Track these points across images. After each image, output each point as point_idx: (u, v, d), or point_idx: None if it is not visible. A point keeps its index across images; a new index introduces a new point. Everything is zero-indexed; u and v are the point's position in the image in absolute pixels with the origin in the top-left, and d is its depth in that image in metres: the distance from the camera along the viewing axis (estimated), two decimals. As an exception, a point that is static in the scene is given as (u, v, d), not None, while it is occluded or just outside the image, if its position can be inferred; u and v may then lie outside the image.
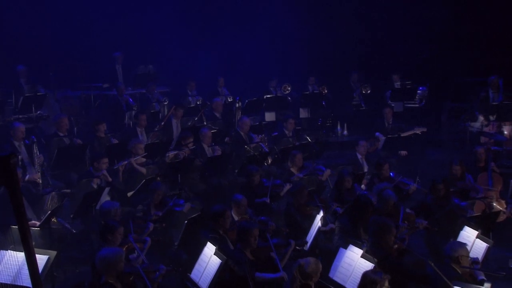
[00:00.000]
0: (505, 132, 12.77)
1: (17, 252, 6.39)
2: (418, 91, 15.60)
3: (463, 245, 6.71)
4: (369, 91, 16.07)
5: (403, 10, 16.75)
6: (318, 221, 7.94)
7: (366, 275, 5.86)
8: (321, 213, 8.09)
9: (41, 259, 6.35)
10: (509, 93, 13.91)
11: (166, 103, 14.47)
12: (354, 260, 6.71)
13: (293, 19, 16.39)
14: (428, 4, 16.33)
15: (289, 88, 16.00)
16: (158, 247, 8.27)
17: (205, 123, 13.27)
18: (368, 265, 6.51)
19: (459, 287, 5.73)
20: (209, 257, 6.71)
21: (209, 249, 6.79)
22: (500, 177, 10.19)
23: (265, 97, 14.87)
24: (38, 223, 8.19)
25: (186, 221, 7.87)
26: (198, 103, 14.74)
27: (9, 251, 6.56)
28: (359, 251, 6.76)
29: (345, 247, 6.92)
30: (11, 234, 7.54)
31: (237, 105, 13.93)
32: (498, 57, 15.14)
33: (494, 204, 9.80)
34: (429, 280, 6.72)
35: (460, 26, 16.18)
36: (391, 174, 10.25)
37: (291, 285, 5.99)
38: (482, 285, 5.89)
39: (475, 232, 7.41)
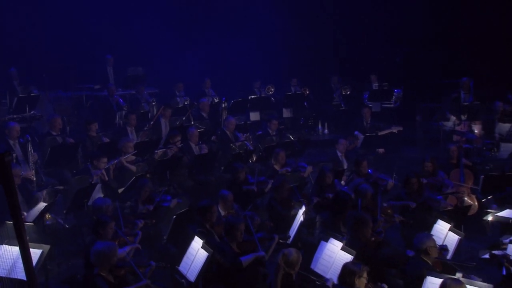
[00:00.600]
0: (475, 131, 12.89)
1: (11, 247, 6.35)
2: (394, 93, 15.74)
3: (430, 236, 6.72)
4: (348, 92, 16.14)
5: (380, 17, 16.84)
6: (300, 216, 7.95)
7: (346, 266, 5.89)
8: (303, 208, 8.11)
9: (35, 253, 6.31)
10: (479, 94, 14.05)
11: (154, 103, 14.43)
12: (335, 252, 6.73)
13: (277, 23, 16.40)
14: (403, 11, 16.41)
15: (272, 89, 16.02)
16: (148, 242, 8.25)
17: (192, 122, 13.25)
18: (347, 257, 6.54)
19: (433, 277, 5.75)
20: (197, 250, 6.70)
21: (197, 242, 6.79)
22: (471, 173, 10.29)
23: (249, 97, 14.87)
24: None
25: (174, 216, 7.87)
26: (185, 103, 14.72)
27: (3, 245, 6.51)
28: (339, 244, 6.79)
29: (326, 240, 6.94)
30: (6, 229, 7.54)
31: (223, 105, 13.93)
32: (469, 60, 15.28)
33: (466, 198, 9.90)
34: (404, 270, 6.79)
35: (433, 30, 16.30)
36: (369, 170, 10.30)
37: (275, 274, 6.03)
38: (454, 273, 5.94)
39: (448, 225, 7.46)
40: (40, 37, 14.95)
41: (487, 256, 6.83)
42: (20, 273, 6.30)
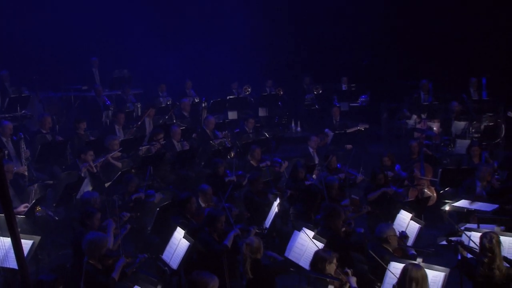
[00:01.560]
0: (434, 128, 13.04)
1: (3, 238, 6.28)
2: (361, 98, 15.85)
3: (390, 226, 6.79)
4: (320, 91, 16.20)
5: (349, 22, 16.93)
6: (275, 207, 7.96)
7: (317, 253, 5.91)
8: (278, 200, 8.13)
9: (26, 244, 6.23)
10: (438, 95, 14.22)
11: (138, 104, 14.39)
12: (307, 241, 6.74)
13: (253, 28, 16.42)
14: (370, 19, 16.57)
15: (249, 90, 16.00)
16: (133, 233, 8.21)
17: (174, 121, 13.17)
18: (319, 245, 6.56)
19: (396, 262, 5.80)
20: (179, 240, 6.67)
21: (179, 233, 6.76)
22: (430, 167, 10.42)
23: (228, 98, 14.85)
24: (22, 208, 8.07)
25: (158, 209, 7.84)
26: (168, 103, 14.62)
27: (-4, 236, 6.44)
28: (311, 233, 6.81)
29: (299, 230, 6.95)
30: (-2, 221, 7.40)
31: (203, 105, 13.91)
32: (428, 63, 15.44)
33: (425, 190, 10.02)
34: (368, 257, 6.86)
35: (397, 37, 16.42)
36: (338, 165, 10.37)
37: (243, 263, 6.00)
38: (415, 259, 6.01)
39: (409, 215, 7.53)
40: (30, 41, 14.79)
41: (444, 242, 6.93)
42: (12, 263, 6.25)
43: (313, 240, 6.59)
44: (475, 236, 6.32)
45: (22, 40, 14.72)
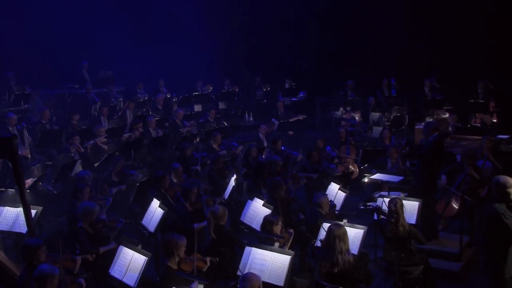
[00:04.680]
0: (356, 118, 13.35)
1: (12, 208, 6.26)
2: (300, 94, 16.03)
3: (325, 195, 6.91)
4: (268, 89, 16.29)
5: (291, 35, 17.05)
6: (232, 182, 8.04)
7: (266, 217, 6.00)
8: (234, 176, 8.20)
9: (32, 212, 6.17)
10: (359, 92, 14.53)
11: (121, 99, 14.16)
12: (258, 208, 6.85)
13: (215, 37, 16.32)
14: (309, 32, 16.73)
15: (211, 88, 15.93)
16: (118, 203, 8.16)
17: (150, 113, 13.04)
18: (267, 211, 6.67)
19: (326, 223, 5.98)
20: (155, 209, 6.70)
21: (155, 203, 6.78)
22: (354, 148, 10.68)
23: (194, 94, 14.77)
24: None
25: (138, 184, 7.81)
26: (145, 98, 14.40)
27: (6, 207, 6.40)
28: (261, 202, 6.92)
29: (251, 199, 7.05)
30: (7, 195, 7.31)
31: (173, 100, 13.83)
32: (352, 67, 15.70)
33: (350, 166, 10.29)
34: (306, 219, 7.04)
35: (328, 44, 16.63)
36: (282, 147, 10.52)
37: (208, 226, 6.03)
38: (341, 220, 6.17)
39: (337, 186, 7.66)
40: (32, 47, 14.36)
41: (363, 207, 7.18)
42: (19, 228, 6.19)
43: (263, 207, 6.73)
44: (387, 200, 6.56)
45: (25, 46, 14.30)
